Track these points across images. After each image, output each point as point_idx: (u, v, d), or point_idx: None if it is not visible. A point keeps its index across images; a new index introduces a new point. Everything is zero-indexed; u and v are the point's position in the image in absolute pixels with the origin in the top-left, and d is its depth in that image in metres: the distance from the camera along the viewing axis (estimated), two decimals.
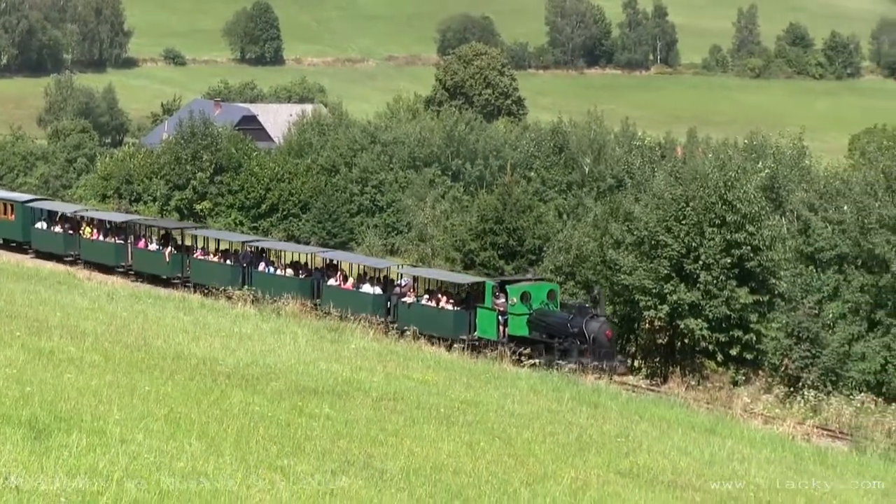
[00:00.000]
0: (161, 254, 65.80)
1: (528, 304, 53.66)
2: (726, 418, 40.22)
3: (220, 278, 61.95)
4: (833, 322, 52.28)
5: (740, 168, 58.65)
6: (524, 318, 53.37)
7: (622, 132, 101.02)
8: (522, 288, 54.12)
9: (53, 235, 69.85)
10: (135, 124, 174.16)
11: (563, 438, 27.81)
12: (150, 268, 66.00)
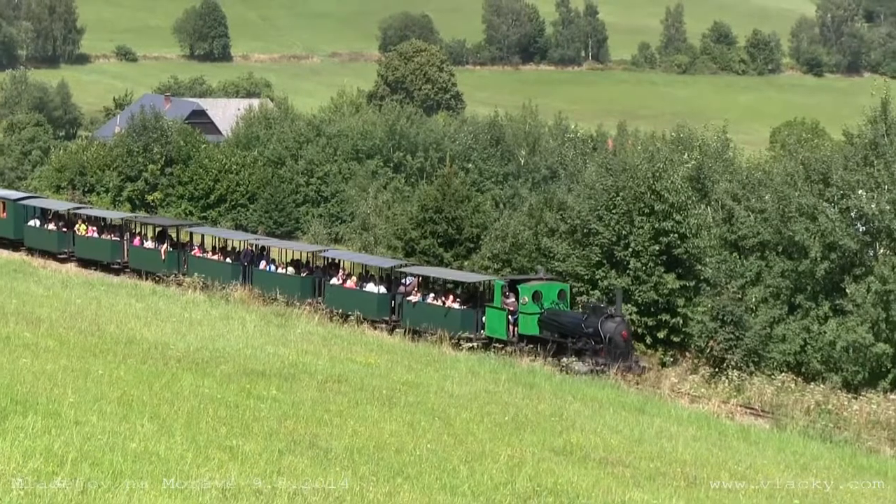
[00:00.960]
0: (157, 251, 63.02)
1: (540, 304, 51.27)
2: (655, 398, 40.46)
3: (221, 276, 59.00)
4: (755, 306, 52.58)
5: (668, 160, 58.84)
6: (535, 318, 51.02)
7: (556, 125, 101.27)
8: (534, 287, 51.64)
9: (47, 233, 66.95)
10: (88, 118, 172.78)
11: (499, 418, 27.87)
12: (146, 265, 62.69)
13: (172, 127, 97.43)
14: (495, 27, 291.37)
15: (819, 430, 38.49)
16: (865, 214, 51.05)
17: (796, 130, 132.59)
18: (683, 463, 26.48)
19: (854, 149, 53.69)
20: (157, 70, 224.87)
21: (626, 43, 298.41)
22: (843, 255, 50.76)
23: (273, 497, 15.96)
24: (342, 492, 16.95)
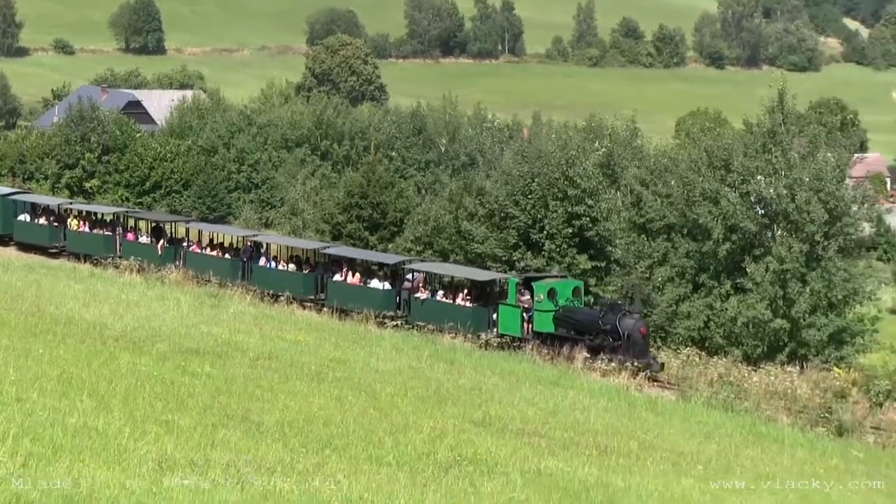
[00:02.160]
0: (153, 246, 58.99)
1: (555, 301, 47.71)
2: (569, 372, 40.63)
3: (219, 273, 55.15)
4: (662, 285, 52.97)
5: (580, 147, 59.03)
6: (550, 315, 47.54)
7: (474, 115, 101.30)
8: (549, 285, 48.15)
9: (38, 228, 63.28)
10: (27, 109, 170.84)
11: (422, 392, 27.91)
12: (140, 259, 57.54)
13: (109, 117, 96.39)
14: (417, 22, 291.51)
15: (721, 401, 38.85)
16: (764, 198, 51.55)
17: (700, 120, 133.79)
18: (595, 432, 26.66)
19: (753, 137, 54.16)
20: (94, 63, 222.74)
21: (540, 37, 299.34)
22: (744, 236, 51.26)
23: (207, 468, 15.90)
24: (273, 462, 16.92)
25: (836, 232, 50.90)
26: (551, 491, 18.48)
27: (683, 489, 21.33)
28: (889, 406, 41.54)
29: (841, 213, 51.11)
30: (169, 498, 14.07)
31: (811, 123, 59.06)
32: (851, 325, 50.37)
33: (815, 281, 49.76)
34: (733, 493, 22.15)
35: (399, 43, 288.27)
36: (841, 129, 68.50)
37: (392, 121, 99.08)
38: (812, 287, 49.63)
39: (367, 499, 15.50)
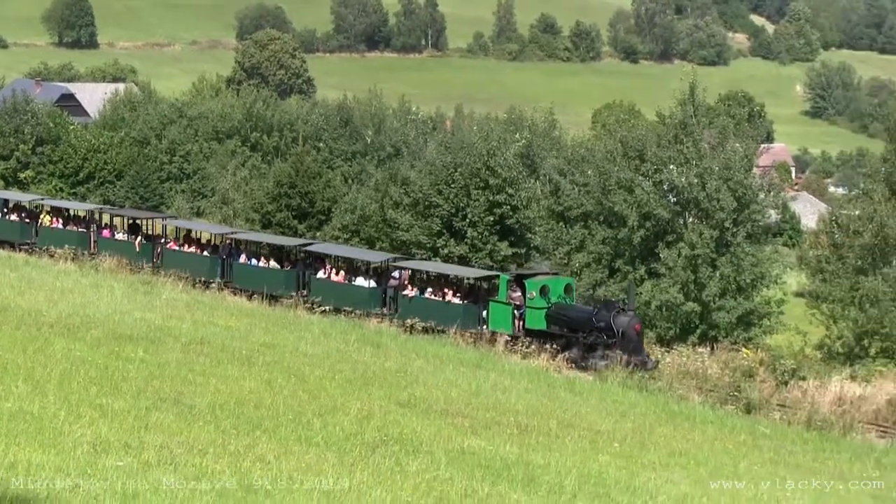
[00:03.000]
0: (132, 243, 56.23)
1: (547, 298, 45.66)
2: (491, 355, 40.70)
3: (198, 270, 53.11)
4: (580, 270, 53.23)
5: (501, 138, 59.25)
6: (542, 312, 45.51)
7: (399, 108, 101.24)
8: (541, 282, 46.10)
9: (10, 224, 60.15)
10: None
11: (350, 375, 27.86)
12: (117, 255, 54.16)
13: (42, 109, 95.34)
14: (343, 17, 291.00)
15: (636, 381, 39.11)
16: (676, 187, 51.93)
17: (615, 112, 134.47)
18: (516, 412, 26.74)
19: (666, 128, 54.53)
20: (28, 57, 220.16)
21: (462, 32, 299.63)
22: (657, 223, 51.61)
23: (141, 450, 15.79)
24: (205, 444, 16.83)
25: (744, 219, 51.39)
26: (474, 469, 18.54)
27: (600, 465, 21.47)
28: (794, 384, 42.04)
29: (749, 201, 51.61)
30: (104, 479, 13.96)
31: (720, 115, 59.55)
32: (759, 307, 50.92)
33: (724, 266, 50.23)
34: (648, 468, 22.32)
35: (326, 38, 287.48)
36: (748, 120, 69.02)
37: (320, 113, 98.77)
38: (722, 272, 50.10)
39: (296, 478, 15.46)
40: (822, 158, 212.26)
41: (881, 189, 49.19)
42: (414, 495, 15.44)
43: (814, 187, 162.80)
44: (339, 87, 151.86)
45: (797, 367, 43.02)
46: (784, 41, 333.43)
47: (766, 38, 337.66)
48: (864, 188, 52.55)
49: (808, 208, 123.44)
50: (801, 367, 43.16)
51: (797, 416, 36.74)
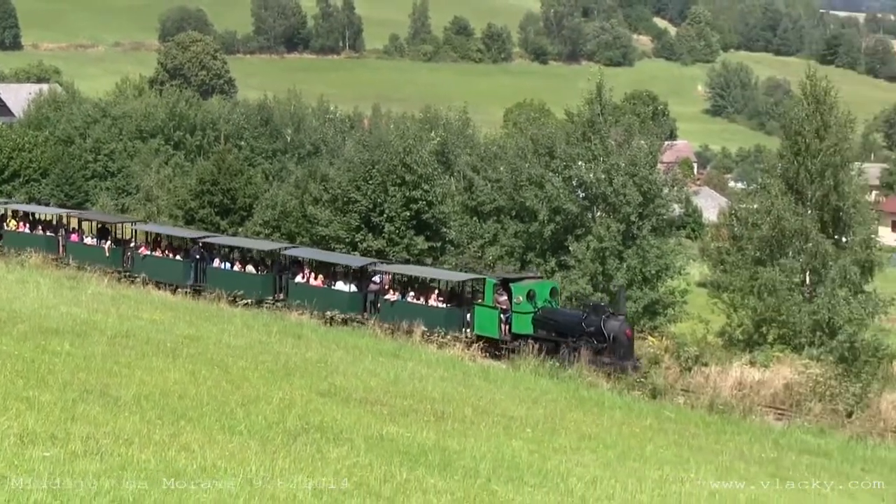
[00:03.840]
0: (101, 248, 54.34)
1: (533, 303, 44.13)
2: (408, 345, 40.73)
3: (170, 275, 51.36)
4: (493, 262, 53.40)
5: (416, 137, 59.26)
6: (529, 317, 43.99)
7: (318, 107, 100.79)
8: (528, 286, 44.46)
9: None
10: None
11: (272, 365, 27.73)
12: (89, 261, 53.39)
13: None
14: (263, 20, 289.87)
15: (548, 369, 39.31)
16: (584, 182, 52.24)
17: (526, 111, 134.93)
18: (433, 400, 26.77)
19: (574, 126, 54.82)
20: None
21: (378, 34, 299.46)
22: (567, 217, 51.90)
23: (67, 441, 15.60)
24: (131, 434, 16.67)
25: (649, 213, 51.81)
26: (392, 455, 18.53)
27: (513, 449, 21.55)
28: (697, 370, 42.48)
29: (654, 196, 52.05)
30: (30, 469, 13.78)
31: (626, 114, 60.10)
32: (664, 297, 51.37)
33: (631, 258, 50.62)
34: (559, 452, 22.43)
35: (246, 39, 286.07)
36: (652, 118, 69.64)
37: (241, 113, 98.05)
38: (628, 263, 50.48)
39: (220, 466, 15.36)
40: (723, 155, 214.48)
41: (778, 184, 49.75)
42: (335, 481, 15.40)
43: (714, 182, 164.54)
44: (260, 88, 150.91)
45: (700, 353, 43.47)
46: (685, 43, 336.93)
47: (668, 40, 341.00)
48: (762, 183, 53.12)
49: (709, 202, 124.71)
50: (703, 354, 43.62)
51: (700, 401, 37.16)
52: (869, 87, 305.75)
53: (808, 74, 51.06)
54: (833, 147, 48.65)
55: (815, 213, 48.96)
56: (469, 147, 64.73)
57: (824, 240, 48.50)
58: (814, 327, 46.03)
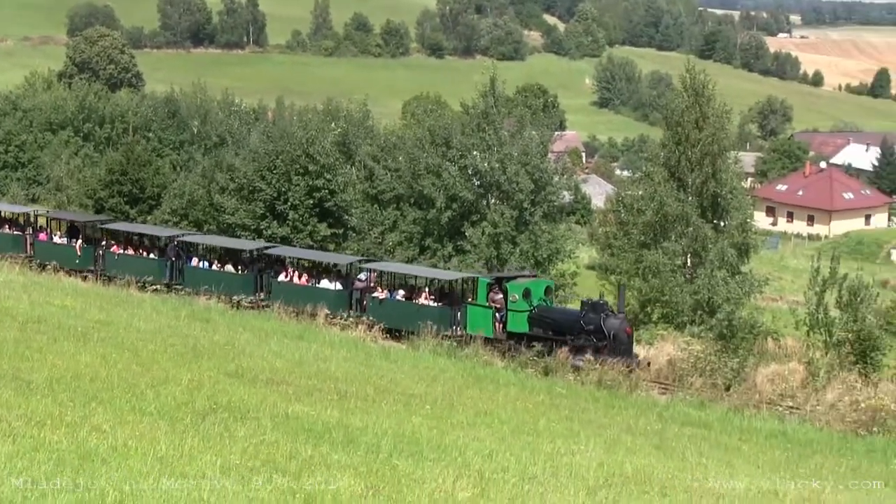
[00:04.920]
0: (72, 247, 51.20)
1: (529, 301, 42.26)
2: (312, 327, 40.56)
3: (145, 273, 48.26)
4: (393, 248, 53.42)
5: (319, 128, 58.99)
6: (525, 315, 42.13)
7: (223, 100, 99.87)
8: (524, 285, 42.58)
9: None
10: None
11: (180, 348, 27.46)
12: (58, 261, 50.15)
13: None
14: (169, 15, 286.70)
15: (445, 349, 39.40)
16: (479, 171, 52.43)
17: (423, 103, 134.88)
18: (336, 380, 26.70)
19: (470, 118, 54.99)
20: None
21: (281, 30, 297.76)
22: (463, 204, 52.06)
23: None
24: (43, 416, 16.41)
25: (541, 199, 52.17)
26: (298, 432, 18.47)
27: (413, 426, 21.58)
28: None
29: (545, 184, 52.41)
30: None
31: (518, 106, 60.38)
32: (555, 279, 51.78)
33: (524, 242, 50.93)
34: (457, 427, 22.50)
35: (153, 35, 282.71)
36: (543, 110, 70.05)
37: (148, 105, 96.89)
38: (521, 247, 50.80)
39: (131, 445, 15.19)
40: (609, 144, 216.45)
41: (661, 172, 50.36)
42: (242, 458, 15.31)
43: (602, 171, 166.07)
44: (167, 81, 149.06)
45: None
46: (574, 38, 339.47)
47: (557, 36, 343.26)
48: (646, 171, 53.73)
49: (597, 189, 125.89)
50: None
51: (589, 377, 37.45)
52: (744, 81, 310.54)
53: (688, 69, 51.72)
54: (711, 137, 49.33)
55: (695, 200, 49.63)
56: (369, 138, 64.58)
57: (704, 224, 49.19)
58: (695, 306, 46.64)
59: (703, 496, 17.41)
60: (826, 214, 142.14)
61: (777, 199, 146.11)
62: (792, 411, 35.37)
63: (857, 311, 42.01)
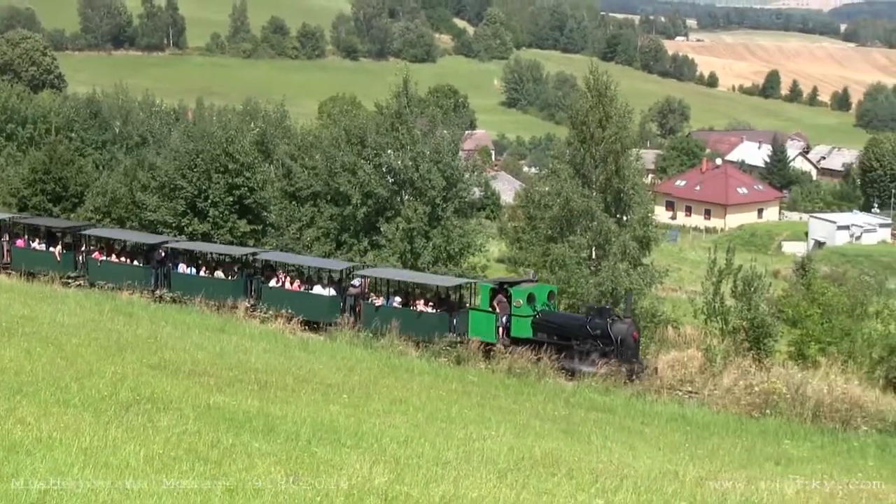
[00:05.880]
0: (52, 253, 49.29)
1: (533, 306, 40.84)
2: (233, 320, 40.33)
3: (130, 280, 46.48)
4: (311, 243, 53.18)
5: (238, 128, 58.52)
6: (529, 321, 40.59)
7: (144, 101, 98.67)
8: (528, 290, 41.16)
9: None
10: None
11: (104, 342, 27.14)
12: (38, 267, 48.44)
13: None
14: (90, 18, 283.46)
15: (362, 340, 39.39)
16: (393, 169, 52.39)
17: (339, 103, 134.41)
18: (256, 370, 26.59)
19: (384, 117, 54.89)
20: None
21: (200, 33, 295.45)
22: (378, 201, 51.97)
23: None
24: None
25: (452, 196, 52.25)
26: (219, 422, 18.35)
27: (331, 414, 21.54)
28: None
29: (456, 180, 52.50)
30: None
31: (430, 106, 60.33)
32: (467, 273, 51.88)
33: (436, 237, 50.99)
34: (373, 415, 22.50)
35: (74, 38, 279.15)
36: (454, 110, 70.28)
37: (71, 106, 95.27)
38: (434, 242, 50.85)
39: (55, 437, 14.97)
40: (517, 143, 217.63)
41: (566, 169, 50.66)
42: (165, 448, 15.17)
43: (511, 168, 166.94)
44: (89, 83, 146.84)
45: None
46: (483, 41, 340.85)
47: (467, 39, 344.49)
48: (552, 168, 54.01)
49: (506, 186, 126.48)
50: None
51: (500, 366, 37.65)
52: (644, 82, 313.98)
53: (591, 70, 52.06)
54: (614, 135, 49.73)
55: (599, 195, 50.01)
56: (287, 137, 64.17)
57: (608, 219, 49.60)
58: (599, 297, 47.03)
59: (607, 477, 17.59)
60: (722, 209, 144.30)
61: (676, 195, 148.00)
62: (691, 396, 35.84)
63: (750, 300, 42.67)
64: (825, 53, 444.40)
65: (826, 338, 43.93)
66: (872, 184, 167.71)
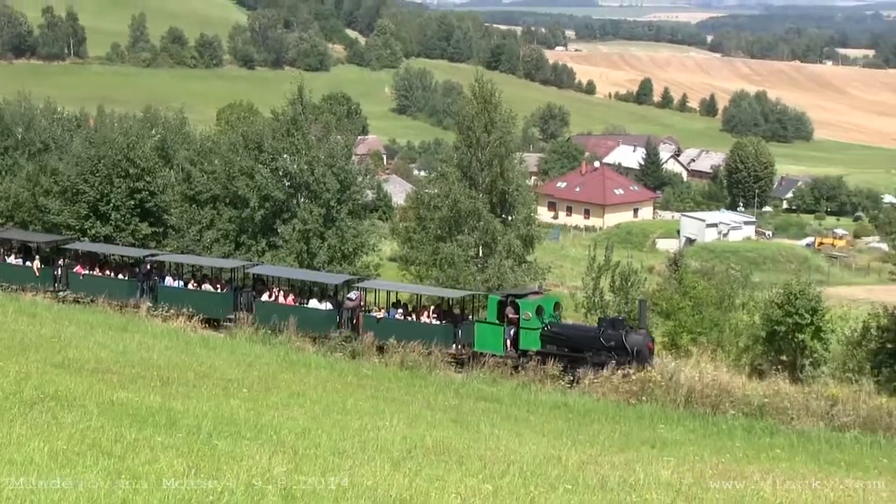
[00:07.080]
0: (30, 267, 46.94)
1: (541, 318, 38.59)
2: (136, 319, 39.74)
3: (115, 294, 44.43)
4: (211, 244, 52.63)
5: (139, 134, 57.69)
6: (537, 333, 38.36)
7: (46, 108, 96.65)
8: (536, 302, 38.92)
9: None
10: None
11: (8, 342, 26.54)
12: (16, 282, 46.16)
13: None
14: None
15: (261, 336, 39.13)
16: (290, 173, 52.10)
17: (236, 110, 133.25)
18: (159, 367, 26.24)
19: (280, 124, 54.52)
20: None
21: (101, 42, 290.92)
22: (275, 203, 51.64)
23: None
24: None
25: (346, 198, 52.13)
26: (123, 417, 18.06)
27: (232, 408, 21.35)
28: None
29: (350, 183, 52.39)
30: None
31: (324, 113, 60.18)
32: (360, 271, 51.82)
33: (331, 237, 50.83)
34: (272, 408, 22.35)
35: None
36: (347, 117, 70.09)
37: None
38: (329, 242, 50.68)
39: None
40: (408, 147, 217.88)
41: (454, 172, 50.89)
42: (69, 443, 14.89)
43: (401, 171, 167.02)
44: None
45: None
46: (374, 51, 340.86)
47: (359, 49, 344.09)
48: (441, 171, 54.22)
49: (397, 188, 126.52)
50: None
51: (393, 359, 37.66)
52: (526, 89, 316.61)
53: (477, 78, 52.38)
54: (499, 140, 50.09)
55: (485, 197, 50.33)
56: (186, 143, 63.37)
57: (494, 219, 49.95)
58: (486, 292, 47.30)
59: (495, 463, 17.71)
60: (600, 208, 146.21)
61: (557, 195, 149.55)
62: (572, 385, 36.19)
63: (627, 294, 43.28)
64: (693, 63, 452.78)
65: (697, 328, 44.85)
66: (737, 184, 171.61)
